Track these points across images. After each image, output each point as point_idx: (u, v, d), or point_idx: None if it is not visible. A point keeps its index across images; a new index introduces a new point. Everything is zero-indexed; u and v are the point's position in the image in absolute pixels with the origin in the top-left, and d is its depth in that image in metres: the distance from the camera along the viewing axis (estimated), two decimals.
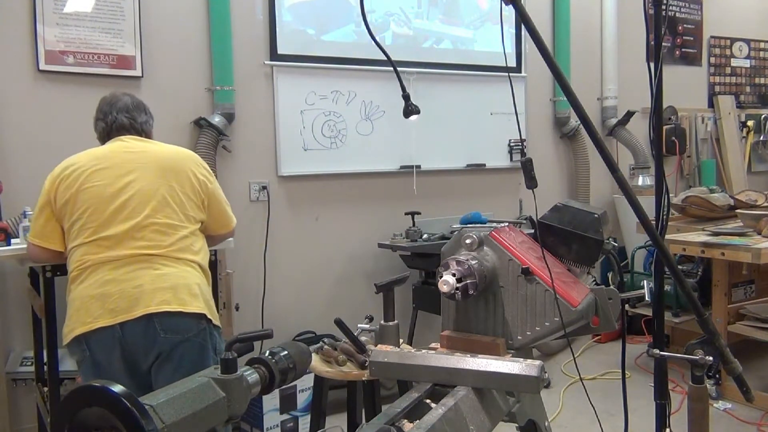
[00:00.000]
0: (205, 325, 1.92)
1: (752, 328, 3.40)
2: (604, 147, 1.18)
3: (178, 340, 1.85)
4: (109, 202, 1.90)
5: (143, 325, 1.81)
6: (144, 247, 1.88)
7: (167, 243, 1.90)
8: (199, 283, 1.94)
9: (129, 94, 2.20)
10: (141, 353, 1.85)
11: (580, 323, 1.16)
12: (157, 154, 2.04)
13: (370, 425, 0.93)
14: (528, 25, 1.13)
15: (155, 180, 1.95)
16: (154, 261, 1.87)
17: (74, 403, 0.72)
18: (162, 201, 1.93)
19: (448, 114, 4.07)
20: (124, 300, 1.82)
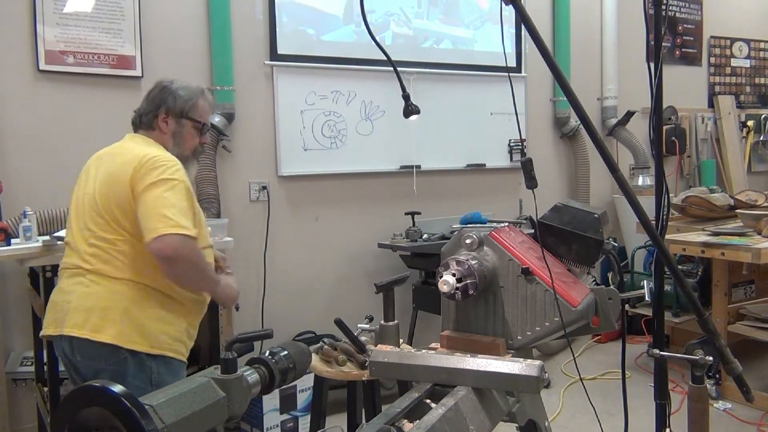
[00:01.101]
0: (126, 356, 1.69)
1: (752, 328, 3.40)
2: (604, 147, 1.18)
3: (95, 367, 1.70)
4: (72, 205, 1.86)
5: (68, 343, 1.73)
6: (81, 260, 1.75)
7: (102, 258, 1.73)
8: (126, 307, 1.71)
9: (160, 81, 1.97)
10: (80, 367, 1.74)
11: (580, 323, 1.16)
12: (115, 157, 1.84)
13: (370, 425, 0.93)
14: (528, 25, 1.13)
15: (100, 187, 1.78)
16: (86, 276, 1.74)
17: (74, 403, 0.72)
18: (98, 211, 1.75)
19: (448, 114, 4.07)
20: (60, 312, 1.75)
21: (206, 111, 1.99)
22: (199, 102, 1.95)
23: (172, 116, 1.91)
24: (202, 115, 1.96)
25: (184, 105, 1.92)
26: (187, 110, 1.92)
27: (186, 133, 1.93)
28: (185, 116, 1.92)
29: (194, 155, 2.00)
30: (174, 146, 1.91)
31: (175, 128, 1.92)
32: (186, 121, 1.93)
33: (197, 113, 1.94)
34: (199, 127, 1.96)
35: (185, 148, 1.94)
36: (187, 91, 1.95)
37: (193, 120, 1.93)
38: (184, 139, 1.93)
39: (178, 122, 1.92)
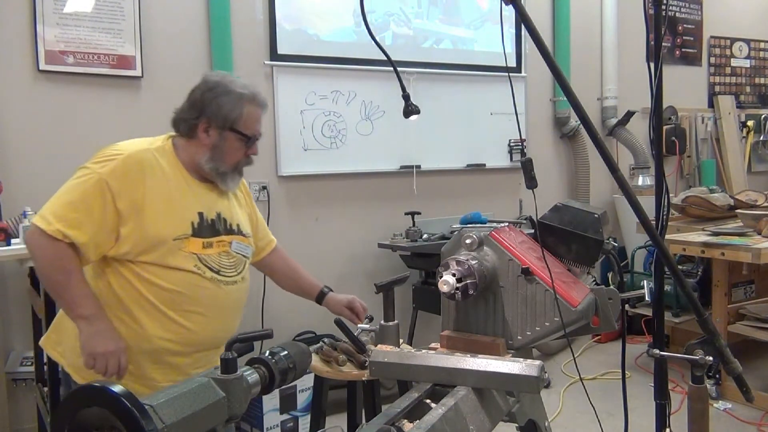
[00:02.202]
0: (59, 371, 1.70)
1: (752, 328, 3.40)
2: (604, 147, 1.18)
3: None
4: None
5: None
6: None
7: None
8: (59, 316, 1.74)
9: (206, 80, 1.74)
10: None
11: (580, 323, 1.16)
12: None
13: (370, 425, 0.93)
14: (528, 25, 1.13)
15: None
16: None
17: (74, 403, 0.72)
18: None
19: (448, 114, 4.07)
20: None
21: (255, 120, 1.73)
22: (246, 110, 1.69)
23: (215, 127, 1.68)
24: (249, 125, 1.70)
25: (228, 115, 1.67)
26: (232, 121, 1.68)
27: (228, 147, 1.69)
28: (229, 128, 1.68)
29: (236, 169, 1.74)
30: (210, 160, 1.69)
31: (216, 140, 1.68)
32: (230, 134, 1.68)
33: (243, 124, 1.69)
34: (245, 140, 1.71)
35: (224, 162, 1.70)
36: (232, 98, 1.68)
37: (239, 133, 1.69)
38: (224, 153, 1.69)
39: (220, 134, 1.68)
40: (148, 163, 1.62)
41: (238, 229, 1.79)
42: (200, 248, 1.65)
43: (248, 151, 1.74)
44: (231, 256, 1.73)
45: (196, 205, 1.68)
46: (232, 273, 1.72)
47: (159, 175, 1.63)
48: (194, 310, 1.63)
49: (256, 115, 1.73)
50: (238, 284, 1.73)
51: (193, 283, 1.62)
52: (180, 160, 1.69)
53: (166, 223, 1.60)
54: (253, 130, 1.72)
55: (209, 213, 1.70)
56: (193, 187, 1.70)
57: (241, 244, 1.78)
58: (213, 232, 1.69)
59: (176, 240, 1.60)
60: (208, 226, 1.69)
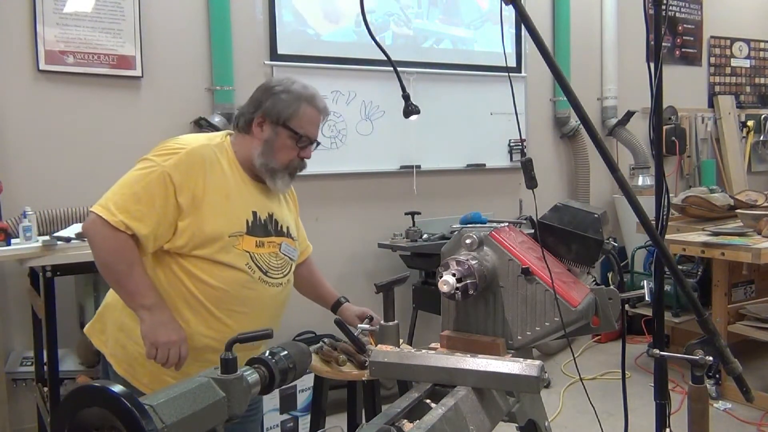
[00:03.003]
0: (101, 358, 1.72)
1: (752, 328, 3.40)
2: (604, 147, 1.18)
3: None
4: None
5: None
6: None
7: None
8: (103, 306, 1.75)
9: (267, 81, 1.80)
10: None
11: (580, 323, 1.16)
12: None
13: (370, 425, 0.93)
14: (528, 25, 1.13)
15: None
16: None
17: (74, 403, 0.72)
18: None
19: (448, 114, 4.07)
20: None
21: (310, 122, 1.71)
22: (302, 110, 1.69)
23: (269, 122, 1.68)
24: (303, 125, 1.69)
25: (282, 111, 1.68)
26: (286, 118, 1.68)
27: (279, 144, 1.68)
28: (282, 124, 1.68)
29: (288, 170, 1.72)
30: (261, 155, 1.68)
31: (269, 135, 1.68)
32: (282, 130, 1.68)
33: (297, 122, 1.68)
34: (296, 138, 1.69)
35: (275, 160, 1.68)
36: (291, 96, 1.70)
37: (291, 130, 1.68)
38: (275, 150, 1.68)
39: (273, 129, 1.68)
40: (209, 159, 1.63)
41: (288, 232, 1.79)
42: (253, 247, 1.65)
43: (301, 153, 1.72)
44: (279, 257, 1.72)
45: (251, 203, 1.68)
46: (278, 275, 1.71)
47: (218, 171, 1.64)
48: (239, 309, 1.63)
49: (312, 116, 1.72)
50: (282, 287, 1.72)
51: (241, 282, 1.61)
52: (237, 158, 1.70)
53: (224, 218, 1.61)
54: (307, 131, 1.70)
55: (262, 212, 1.70)
56: (248, 185, 1.70)
57: (290, 247, 1.78)
58: (265, 232, 1.69)
59: (232, 236, 1.61)
60: (261, 225, 1.69)
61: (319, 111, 1.74)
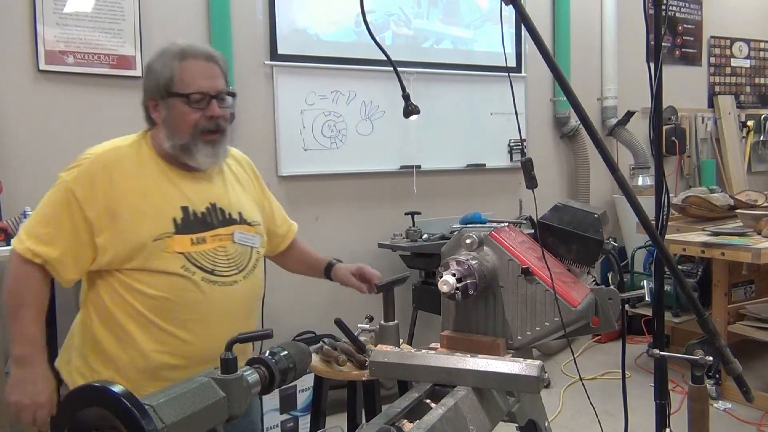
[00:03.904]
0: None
1: (752, 328, 3.40)
2: (604, 147, 1.18)
3: None
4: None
5: None
6: None
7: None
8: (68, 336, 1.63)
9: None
10: None
11: (580, 323, 1.16)
12: None
13: (370, 425, 0.93)
14: (528, 25, 1.13)
15: None
16: None
17: (74, 403, 0.72)
18: None
19: (448, 114, 4.07)
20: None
21: (196, 74, 1.50)
22: (177, 67, 1.49)
23: (158, 100, 1.52)
24: (187, 82, 1.49)
25: (159, 81, 1.50)
26: (166, 86, 1.50)
27: (175, 116, 1.51)
28: (167, 94, 1.50)
29: (199, 137, 1.51)
30: (166, 138, 1.52)
31: (165, 114, 1.52)
32: (171, 101, 1.50)
33: (179, 84, 1.49)
34: (188, 100, 1.49)
35: (179, 133, 1.50)
36: (162, 61, 1.51)
37: (177, 95, 1.49)
38: (175, 124, 1.51)
39: (165, 105, 1.52)
40: (118, 163, 1.48)
41: (241, 218, 1.62)
42: (188, 246, 1.48)
43: (206, 113, 1.51)
44: (231, 250, 1.56)
45: (179, 199, 1.52)
46: (230, 271, 1.54)
47: (132, 173, 1.48)
48: (187, 317, 1.47)
49: (193, 68, 1.50)
50: (239, 284, 1.55)
51: (180, 287, 1.46)
52: (158, 153, 1.55)
53: (144, 223, 1.45)
54: (195, 87, 1.49)
55: (198, 205, 1.54)
56: (176, 179, 1.54)
57: (247, 234, 1.61)
58: (204, 226, 1.53)
59: (157, 240, 1.45)
60: (196, 220, 1.52)
61: (199, 59, 1.52)
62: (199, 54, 1.52)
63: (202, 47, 1.55)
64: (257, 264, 1.63)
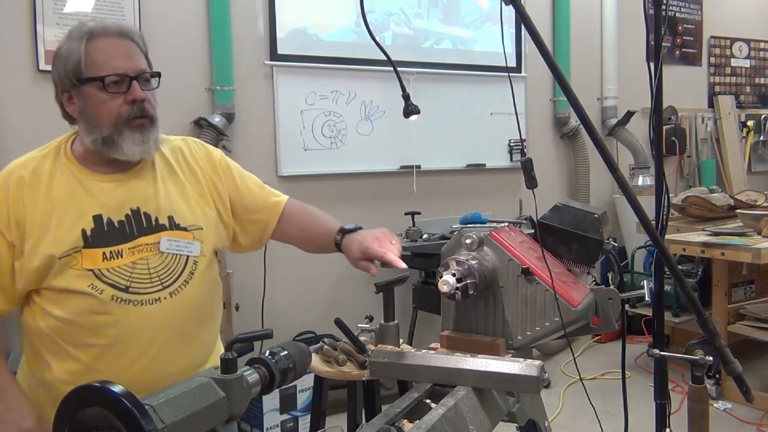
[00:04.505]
0: None
1: (752, 328, 3.40)
2: (604, 147, 1.18)
3: None
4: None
5: None
6: None
7: None
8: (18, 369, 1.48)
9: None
10: None
11: (580, 323, 1.16)
12: None
13: (370, 425, 0.93)
14: (528, 25, 1.13)
15: None
16: None
17: (74, 403, 0.72)
18: None
19: (448, 114, 4.07)
20: None
21: (108, 54, 1.30)
22: (86, 49, 1.29)
23: (72, 90, 1.33)
24: (99, 64, 1.29)
25: (68, 67, 1.31)
26: (76, 71, 1.30)
27: (92, 106, 1.31)
28: (79, 81, 1.30)
29: (123, 126, 1.30)
30: (86, 134, 1.33)
31: (80, 105, 1.33)
32: (85, 88, 1.30)
33: (91, 67, 1.29)
34: (102, 85, 1.28)
35: (99, 125, 1.31)
36: (68, 46, 1.32)
37: (91, 80, 1.29)
38: (94, 115, 1.31)
39: (79, 95, 1.32)
40: (27, 178, 1.32)
41: (172, 223, 1.37)
42: (99, 261, 1.28)
43: (128, 98, 1.30)
44: (157, 261, 1.33)
45: (92, 207, 1.32)
46: (154, 287, 1.31)
47: (41, 186, 1.32)
48: (95, 342, 1.27)
49: (105, 48, 1.30)
50: (164, 302, 1.31)
51: (85, 308, 1.26)
52: (76, 157, 1.38)
53: (48, 240, 1.27)
54: (109, 68, 1.28)
55: (115, 213, 1.33)
56: (91, 185, 1.34)
57: (178, 242, 1.36)
58: (121, 237, 1.31)
59: (64, 257, 1.27)
60: (112, 230, 1.31)
61: (110, 36, 1.31)
62: (110, 31, 1.31)
63: (114, 23, 1.34)
64: (195, 276, 1.37)
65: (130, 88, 1.31)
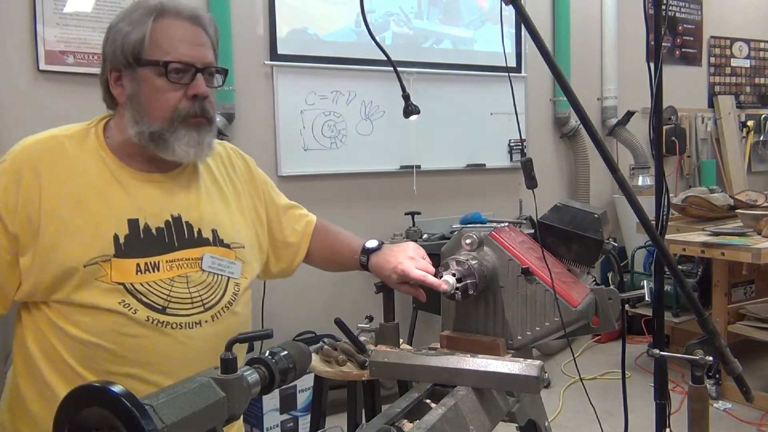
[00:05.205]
0: None
1: (752, 328, 3.40)
2: (604, 147, 1.18)
3: None
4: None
5: None
6: None
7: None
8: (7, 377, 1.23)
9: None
10: None
11: (580, 323, 1.16)
12: None
13: (370, 425, 0.93)
14: (528, 25, 1.13)
15: None
16: None
17: (74, 403, 0.72)
18: None
19: (448, 114, 4.07)
20: None
21: (175, 38, 1.14)
22: (153, 27, 1.12)
23: (123, 72, 1.16)
24: (165, 47, 1.13)
25: (127, 44, 1.13)
26: (135, 51, 1.13)
27: (147, 93, 1.14)
28: (136, 63, 1.13)
29: (180, 123, 1.15)
30: (132, 124, 1.15)
31: (131, 89, 1.16)
32: (142, 71, 1.14)
33: (154, 49, 1.13)
34: (165, 71, 1.12)
35: (150, 118, 1.14)
36: (132, 20, 1.13)
37: (151, 63, 1.13)
38: (146, 104, 1.15)
39: (132, 77, 1.15)
40: (50, 159, 1.13)
41: (216, 237, 1.22)
42: (132, 274, 1.10)
43: (189, 91, 1.15)
44: (198, 281, 1.16)
45: (128, 209, 1.14)
46: (192, 309, 1.14)
47: (67, 172, 1.13)
48: (125, 371, 1.09)
49: (173, 29, 1.14)
50: (204, 326, 1.15)
51: (116, 329, 1.08)
52: (110, 146, 1.19)
53: (73, 241, 1.09)
54: (175, 53, 1.13)
55: (154, 218, 1.16)
56: (128, 181, 1.16)
57: (221, 260, 1.20)
58: (159, 247, 1.14)
59: (90, 265, 1.08)
60: (149, 238, 1.14)
61: (181, 19, 1.15)
62: (182, 13, 1.15)
63: (187, 6, 1.18)
64: (237, 300, 1.22)
65: (194, 80, 1.15)
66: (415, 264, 1.26)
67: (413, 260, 1.28)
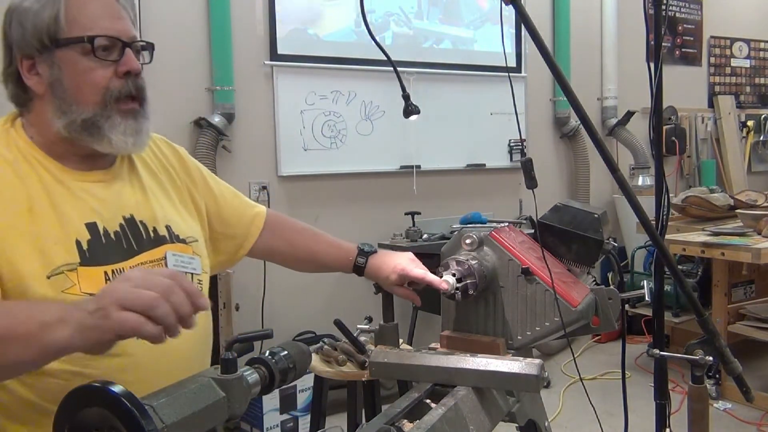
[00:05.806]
0: None
1: (752, 328, 3.40)
2: (604, 147, 1.18)
3: None
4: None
5: None
6: None
7: None
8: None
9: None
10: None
11: (580, 323, 1.16)
12: None
13: (370, 425, 0.93)
14: (528, 25, 1.13)
15: None
16: None
17: (74, 403, 0.72)
18: None
19: (448, 114, 4.07)
20: None
21: (96, 12, 1.00)
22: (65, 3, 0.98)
23: (39, 56, 0.99)
24: (88, 23, 0.99)
25: (39, 23, 0.98)
26: (51, 30, 0.98)
27: (70, 76, 0.99)
28: (54, 44, 0.98)
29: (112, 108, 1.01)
30: (58, 115, 1.00)
31: (50, 76, 1.00)
32: (61, 53, 0.99)
33: (73, 25, 0.98)
34: (90, 49, 0.98)
35: (78, 105, 0.99)
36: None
37: (71, 42, 0.98)
38: (75, 87, 1.00)
39: (49, 62, 0.99)
40: None
41: (172, 234, 1.12)
42: (102, 284, 0.97)
43: (119, 69, 1.01)
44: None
45: (82, 212, 1.01)
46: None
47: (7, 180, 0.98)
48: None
49: (89, 5, 1.00)
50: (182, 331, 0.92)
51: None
52: (37, 145, 1.03)
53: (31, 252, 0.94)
54: (99, 29, 0.99)
55: (109, 221, 1.04)
56: (72, 183, 1.03)
57: (182, 257, 1.11)
58: (120, 253, 1.03)
59: (54, 276, 0.95)
60: (110, 243, 1.02)
61: None
62: None
63: None
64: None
65: (123, 56, 1.01)
66: (415, 266, 1.29)
67: (414, 262, 1.31)
